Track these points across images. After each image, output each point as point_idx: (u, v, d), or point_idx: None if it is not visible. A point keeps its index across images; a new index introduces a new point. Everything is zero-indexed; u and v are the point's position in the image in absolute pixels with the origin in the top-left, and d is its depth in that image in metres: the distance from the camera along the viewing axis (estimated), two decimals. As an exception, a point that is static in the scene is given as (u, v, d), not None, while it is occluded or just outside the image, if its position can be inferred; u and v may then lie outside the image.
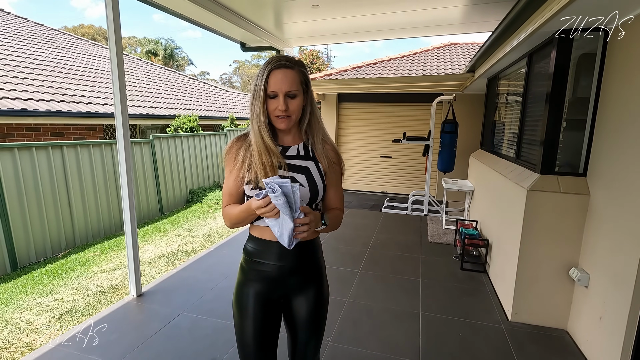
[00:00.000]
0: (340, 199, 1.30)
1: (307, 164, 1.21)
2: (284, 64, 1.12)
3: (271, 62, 1.13)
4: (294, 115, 1.16)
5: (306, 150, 1.24)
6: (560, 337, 2.45)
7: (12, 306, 3.18)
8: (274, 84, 1.11)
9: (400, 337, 2.44)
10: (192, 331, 2.47)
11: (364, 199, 6.98)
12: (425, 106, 6.81)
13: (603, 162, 2.22)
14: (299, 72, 1.15)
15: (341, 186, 1.31)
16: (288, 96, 1.13)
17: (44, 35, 9.77)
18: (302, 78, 1.16)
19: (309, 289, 1.25)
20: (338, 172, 1.27)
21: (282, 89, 1.11)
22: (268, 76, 1.12)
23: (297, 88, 1.14)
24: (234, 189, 1.21)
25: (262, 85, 1.12)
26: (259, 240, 1.22)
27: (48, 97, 6.16)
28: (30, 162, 4.43)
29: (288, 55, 1.18)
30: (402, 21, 4.06)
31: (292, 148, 1.23)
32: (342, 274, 3.42)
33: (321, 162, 1.23)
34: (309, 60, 16.68)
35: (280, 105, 1.12)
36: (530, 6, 2.31)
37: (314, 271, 1.27)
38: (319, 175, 1.21)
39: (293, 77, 1.13)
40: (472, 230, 3.87)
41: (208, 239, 5.12)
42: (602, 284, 2.12)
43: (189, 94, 12.25)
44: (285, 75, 1.12)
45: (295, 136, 1.25)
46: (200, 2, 3.20)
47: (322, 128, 1.26)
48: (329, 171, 1.24)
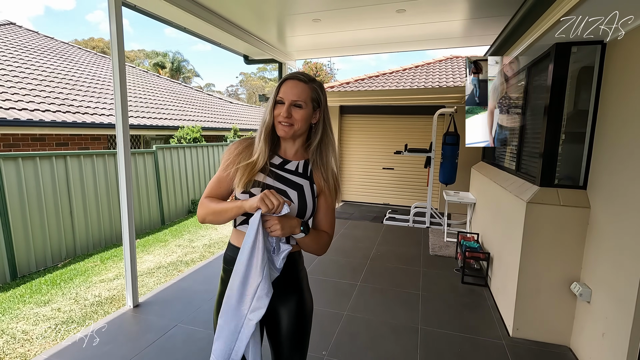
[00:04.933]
0: (330, 224, 1.27)
1: (303, 182, 1.21)
2: (297, 77, 1.18)
3: (289, 74, 1.21)
4: (296, 125, 1.17)
5: (305, 168, 1.24)
6: (562, 354, 2.38)
7: (9, 316, 3.17)
8: (283, 91, 1.17)
9: (398, 352, 2.39)
10: (187, 343, 2.44)
11: (366, 210, 6.94)
12: (427, 118, 6.83)
13: (603, 175, 2.20)
14: (311, 88, 1.19)
15: (333, 213, 1.29)
16: (294, 105, 1.16)
17: (53, 48, 9.99)
18: (314, 95, 1.20)
19: (290, 301, 1.23)
20: (332, 198, 1.26)
21: (288, 97, 1.16)
22: (281, 84, 1.19)
23: (305, 100, 1.17)
24: (224, 185, 1.22)
25: (274, 92, 1.19)
26: (237, 249, 1.21)
27: (54, 107, 6.26)
28: (33, 171, 4.47)
29: (307, 73, 1.24)
30: (403, 34, 4.10)
31: (292, 163, 1.23)
32: (341, 286, 3.38)
33: (317, 183, 1.23)
34: (313, 73, 16.90)
35: (283, 112, 1.16)
36: (527, 19, 2.33)
37: (294, 282, 1.25)
38: (311, 195, 1.21)
39: (303, 89, 1.17)
40: (474, 243, 3.83)
41: (208, 249, 5.10)
42: (604, 300, 2.07)
43: (194, 105, 12.40)
44: (295, 85, 1.17)
45: (299, 152, 1.26)
46: (204, 16, 3.26)
47: (334, 154, 1.26)
48: (323, 195, 1.24)
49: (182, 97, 12.53)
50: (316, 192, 1.22)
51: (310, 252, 1.23)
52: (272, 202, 1.03)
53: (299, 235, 1.14)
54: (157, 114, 9.30)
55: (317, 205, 1.24)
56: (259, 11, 3.40)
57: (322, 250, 1.24)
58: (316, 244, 1.21)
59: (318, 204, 1.24)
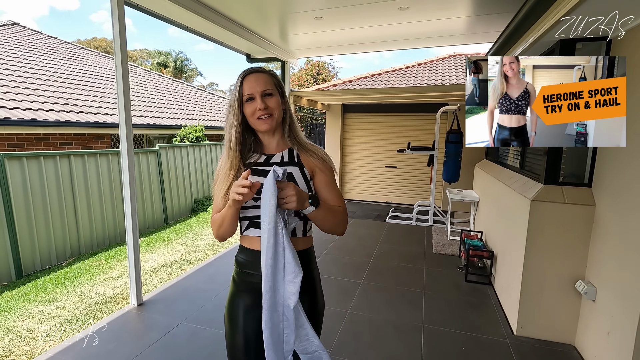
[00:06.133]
0: (337, 197, 1.24)
1: (291, 169, 1.20)
2: (254, 70, 1.19)
3: (243, 71, 1.19)
4: (274, 114, 1.18)
5: (291, 156, 1.23)
6: (567, 353, 2.37)
7: (15, 314, 3.19)
8: (248, 87, 1.16)
9: (401, 351, 2.39)
10: (191, 341, 2.45)
11: (369, 209, 6.93)
12: (430, 116, 6.80)
13: (608, 172, 2.18)
14: (270, 76, 1.20)
15: (336, 187, 1.26)
16: (265, 95, 1.17)
17: (56, 48, 10.03)
18: (275, 81, 1.21)
19: (302, 301, 1.22)
20: (328, 173, 1.24)
21: (257, 90, 1.16)
22: (242, 83, 1.17)
23: (272, 88, 1.18)
24: (221, 201, 1.21)
25: (237, 92, 1.17)
26: (248, 251, 1.21)
27: (58, 107, 6.29)
28: (38, 171, 4.50)
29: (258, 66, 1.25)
30: (406, 32, 4.08)
31: (276, 155, 1.23)
32: (344, 285, 3.38)
33: (307, 165, 1.22)
34: (315, 72, 16.84)
35: (258, 105, 1.15)
36: (531, 15, 2.31)
37: (307, 282, 1.23)
38: (303, 180, 1.19)
39: (266, 79, 1.18)
40: (477, 242, 3.81)
41: (211, 248, 5.11)
42: (610, 298, 2.06)
43: (197, 104, 12.42)
44: (257, 77, 1.17)
45: (280, 143, 1.25)
46: (207, 15, 3.26)
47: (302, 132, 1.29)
48: (316, 174, 1.23)
49: (185, 96, 12.55)
50: (308, 175, 1.21)
51: (331, 230, 1.20)
52: (241, 190, 1.03)
53: (309, 210, 1.11)
54: (160, 113, 9.32)
55: (315, 186, 1.23)
56: (261, 10, 3.39)
57: (341, 225, 1.22)
58: (333, 216, 1.18)
59: (315, 183, 1.23)
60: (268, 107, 1.16)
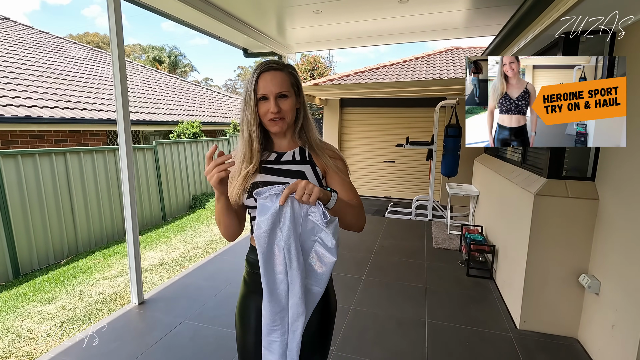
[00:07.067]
0: (353, 193, 1.20)
1: (303, 167, 1.17)
2: (272, 67, 1.11)
3: (260, 66, 1.12)
4: (287, 117, 1.14)
5: (302, 154, 1.20)
6: (571, 346, 2.38)
7: (14, 314, 3.16)
8: (263, 86, 1.10)
9: (405, 346, 2.39)
10: (194, 340, 2.43)
11: (368, 204, 6.93)
12: (428, 110, 6.78)
13: (612, 166, 2.18)
14: (288, 74, 1.14)
15: (350, 184, 1.22)
16: (279, 97, 1.11)
17: (49, 43, 9.87)
18: (292, 80, 1.15)
19: None
20: (342, 170, 1.21)
21: (272, 91, 1.10)
22: (257, 80, 1.10)
23: (288, 89, 1.12)
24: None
25: (252, 89, 1.11)
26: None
27: (52, 103, 6.19)
28: (33, 168, 4.43)
29: (277, 60, 1.16)
30: (404, 26, 4.04)
31: (287, 154, 1.20)
32: (346, 281, 3.37)
33: (319, 164, 1.19)
34: (311, 66, 16.73)
35: (271, 108, 1.10)
36: (534, 9, 2.28)
37: None
38: (315, 178, 1.16)
39: (282, 79, 1.11)
40: (478, 236, 3.81)
41: (211, 245, 5.08)
42: (614, 291, 2.06)
43: (193, 100, 12.31)
44: (274, 76, 1.10)
45: (291, 141, 1.22)
46: (203, 9, 3.20)
47: (317, 129, 1.24)
48: (329, 172, 1.19)
49: (180, 92, 12.43)
50: (321, 173, 1.18)
51: (351, 224, 1.14)
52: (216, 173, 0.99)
53: (333, 198, 1.04)
54: (156, 109, 9.22)
55: (329, 185, 1.20)
56: (259, 3, 3.33)
57: (362, 219, 1.17)
58: (352, 209, 1.13)
59: (329, 182, 1.20)
60: (281, 110, 1.11)
